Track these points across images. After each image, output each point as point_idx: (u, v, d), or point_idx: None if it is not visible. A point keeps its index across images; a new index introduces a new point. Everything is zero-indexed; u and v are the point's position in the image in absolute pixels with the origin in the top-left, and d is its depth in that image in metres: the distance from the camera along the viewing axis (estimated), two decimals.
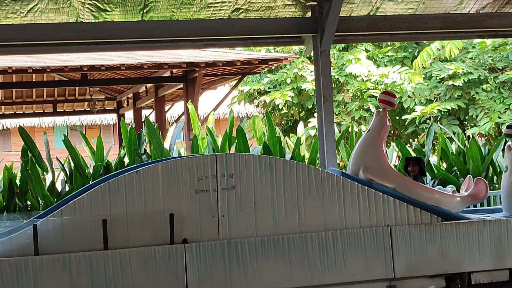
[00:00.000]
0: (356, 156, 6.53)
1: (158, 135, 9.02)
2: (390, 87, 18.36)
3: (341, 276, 5.94)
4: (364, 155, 6.47)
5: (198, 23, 8.90)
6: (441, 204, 6.30)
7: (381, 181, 6.28)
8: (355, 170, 6.44)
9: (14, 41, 8.53)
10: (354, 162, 6.50)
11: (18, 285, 5.40)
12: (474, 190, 6.52)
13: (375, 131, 6.49)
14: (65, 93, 23.02)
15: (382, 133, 6.48)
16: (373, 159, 6.41)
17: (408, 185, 6.36)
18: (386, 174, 6.35)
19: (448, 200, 6.41)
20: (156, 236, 5.69)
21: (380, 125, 6.50)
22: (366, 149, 6.50)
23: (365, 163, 6.38)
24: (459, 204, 6.48)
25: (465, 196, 6.51)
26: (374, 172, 6.33)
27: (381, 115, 6.53)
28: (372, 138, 6.49)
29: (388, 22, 9.25)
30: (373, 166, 6.37)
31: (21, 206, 8.51)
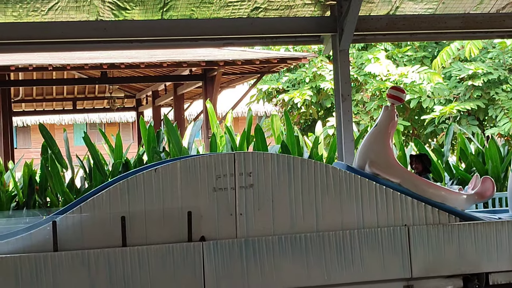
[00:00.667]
0: (363, 150, 6.50)
1: (176, 133, 9.06)
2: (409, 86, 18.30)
3: (358, 276, 5.94)
4: (370, 150, 6.44)
5: (217, 21, 8.93)
6: (447, 201, 6.26)
7: (387, 175, 6.26)
8: (361, 165, 6.42)
9: (35, 39, 8.61)
10: (361, 156, 6.48)
11: (38, 280, 5.45)
12: (481, 188, 6.47)
13: (383, 126, 6.46)
14: (85, 90, 23.13)
15: (390, 128, 6.45)
16: (380, 153, 6.38)
17: (414, 180, 6.33)
18: (392, 169, 6.32)
19: (454, 197, 6.37)
20: (174, 234, 5.71)
21: (388, 120, 6.47)
22: (373, 144, 6.47)
23: (371, 158, 6.36)
24: (465, 202, 6.44)
25: (471, 194, 6.46)
26: (380, 167, 6.30)
27: (389, 110, 6.50)
28: (379, 133, 6.46)
29: (408, 22, 9.24)
30: (379, 160, 6.34)
31: (41, 202, 8.57)
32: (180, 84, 18.72)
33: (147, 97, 22.90)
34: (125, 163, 8.92)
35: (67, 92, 23.02)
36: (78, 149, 13.48)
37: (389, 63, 18.82)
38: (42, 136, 8.83)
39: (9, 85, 18.63)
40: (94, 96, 23.47)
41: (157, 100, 21.45)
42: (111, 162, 9.08)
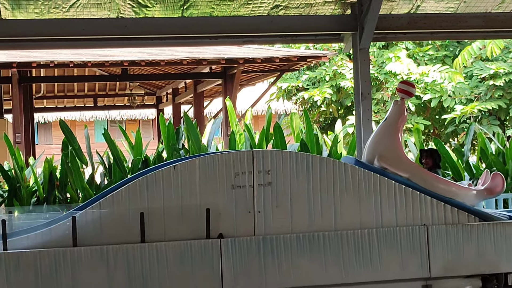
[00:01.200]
0: (372, 144, 6.46)
1: (196, 131, 9.08)
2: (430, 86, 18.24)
3: (377, 274, 5.93)
4: (379, 144, 6.39)
5: (237, 19, 8.94)
6: (456, 197, 6.21)
7: (395, 170, 6.22)
8: (370, 159, 6.38)
9: (56, 36, 8.66)
10: (370, 150, 6.43)
11: (57, 275, 5.49)
12: (491, 184, 6.40)
13: (392, 120, 6.41)
14: (105, 87, 23.26)
15: (399, 123, 6.40)
16: (389, 148, 6.33)
17: (423, 175, 6.28)
18: (401, 164, 6.28)
19: (464, 193, 6.32)
20: (192, 230, 5.73)
21: (398, 115, 6.42)
22: (382, 138, 6.42)
23: (380, 152, 6.31)
24: (475, 198, 6.39)
25: (481, 190, 6.40)
26: (389, 161, 6.26)
27: (399, 105, 6.45)
28: (388, 127, 6.41)
29: (429, 21, 9.20)
30: (388, 155, 6.30)
31: (61, 198, 8.63)
32: (200, 82, 18.76)
33: (167, 95, 22.98)
34: (144, 159, 8.96)
35: (88, 89, 23.15)
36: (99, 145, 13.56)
37: (410, 62, 18.76)
38: (62, 132, 8.88)
39: (30, 82, 18.76)
40: (114, 93, 23.60)
41: (177, 97, 21.52)
42: (130, 159, 9.12)
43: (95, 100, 24.46)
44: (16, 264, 5.45)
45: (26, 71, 17.26)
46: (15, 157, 8.62)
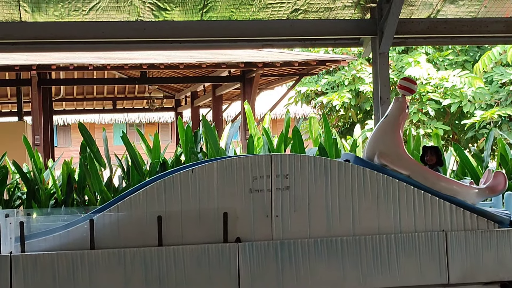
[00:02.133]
0: (372, 141, 6.36)
1: (214, 134, 9.07)
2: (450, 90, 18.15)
3: (395, 280, 5.88)
4: (380, 141, 6.30)
5: (256, 23, 8.94)
6: (457, 195, 6.12)
7: (396, 167, 6.13)
8: (370, 156, 6.29)
9: (75, 38, 8.70)
10: (370, 147, 6.34)
11: (74, 278, 5.49)
12: (493, 182, 6.30)
13: (393, 117, 6.31)
14: (124, 90, 23.34)
15: (400, 120, 6.30)
16: (389, 145, 6.24)
17: (424, 173, 6.20)
18: (401, 161, 6.19)
19: (465, 191, 6.22)
20: (209, 234, 5.71)
21: (399, 111, 6.32)
22: (382, 135, 6.32)
23: (380, 149, 6.22)
24: (476, 196, 6.27)
25: (482, 189, 6.29)
26: (389, 158, 6.17)
27: (400, 101, 6.34)
28: (389, 123, 6.31)
29: (449, 25, 9.16)
30: (388, 152, 6.21)
31: (79, 200, 8.64)
32: (219, 85, 18.79)
33: (186, 98, 23.03)
34: (162, 163, 8.96)
35: (107, 92, 23.25)
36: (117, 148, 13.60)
37: (429, 67, 18.68)
38: (81, 134, 8.90)
39: (50, 84, 18.86)
40: (133, 96, 23.68)
41: (196, 100, 21.56)
42: (148, 162, 9.13)
43: (114, 103, 24.56)
44: (34, 266, 5.46)
45: (45, 73, 17.35)
46: (34, 159, 8.64)
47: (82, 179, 8.64)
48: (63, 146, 35.65)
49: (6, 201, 8.58)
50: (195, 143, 9.15)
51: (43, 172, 8.77)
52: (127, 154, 8.97)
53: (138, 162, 8.79)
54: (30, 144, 9.18)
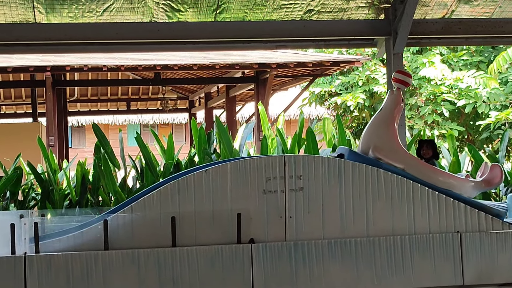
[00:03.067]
0: (367, 135, 6.31)
1: (228, 135, 9.07)
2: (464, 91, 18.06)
3: (409, 282, 5.86)
4: (374, 135, 6.25)
5: (270, 24, 8.93)
6: (453, 188, 6.08)
7: (390, 161, 6.09)
8: (365, 149, 6.24)
9: (90, 40, 8.72)
10: (364, 141, 6.29)
11: (88, 278, 5.51)
12: (489, 175, 6.26)
13: (388, 110, 6.25)
14: (138, 91, 23.39)
15: (395, 113, 6.25)
16: (384, 138, 6.19)
17: (419, 166, 6.16)
18: (396, 154, 6.14)
19: (461, 184, 6.18)
20: (223, 235, 5.72)
21: (394, 105, 6.26)
22: (377, 129, 6.27)
23: (375, 143, 6.17)
24: (472, 189, 6.24)
25: (479, 182, 6.26)
26: (383, 152, 6.13)
27: (395, 95, 6.28)
28: (384, 117, 6.26)
29: (463, 26, 9.12)
30: (383, 145, 6.16)
31: (93, 201, 8.67)
32: (233, 86, 18.79)
33: (200, 99, 23.04)
34: (176, 164, 8.97)
35: (122, 93, 23.31)
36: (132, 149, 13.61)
37: (444, 67, 18.61)
38: (95, 135, 8.93)
39: (64, 85, 18.92)
40: (147, 97, 23.72)
41: (210, 101, 21.58)
42: (162, 163, 9.14)
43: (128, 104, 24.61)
44: (48, 267, 5.48)
45: (60, 74, 17.40)
46: (48, 160, 8.67)
47: (96, 180, 8.66)
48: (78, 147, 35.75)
49: (21, 202, 8.61)
50: (209, 144, 9.15)
51: (58, 173, 8.80)
52: (141, 155, 8.98)
53: (152, 163, 8.80)
54: (44, 145, 9.21)
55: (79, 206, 8.53)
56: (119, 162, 8.97)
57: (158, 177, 8.72)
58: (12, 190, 8.45)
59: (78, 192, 8.63)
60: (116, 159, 8.85)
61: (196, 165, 8.72)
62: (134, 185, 9.06)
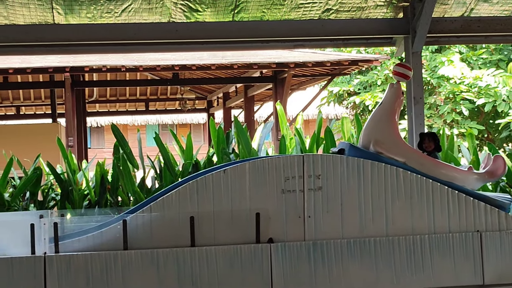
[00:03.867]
0: (367, 129, 6.24)
1: (246, 135, 9.06)
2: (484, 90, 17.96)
3: (429, 281, 5.83)
4: (375, 129, 6.17)
5: (288, 23, 8.92)
6: (455, 181, 6.01)
7: (391, 154, 6.02)
8: (365, 144, 6.17)
9: (108, 40, 8.75)
10: (365, 135, 6.21)
11: (107, 278, 5.53)
12: (492, 167, 6.17)
13: (388, 104, 6.17)
14: (157, 92, 23.47)
15: (396, 106, 6.17)
16: (384, 132, 6.12)
17: (420, 159, 6.09)
18: (397, 148, 6.07)
19: (463, 176, 6.11)
20: (242, 235, 5.71)
21: (394, 98, 6.17)
22: (377, 123, 6.19)
23: (376, 137, 6.10)
24: (475, 181, 6.17)
25: (482, 173, 6.18)
26: (384, 146, 6.05)
27: (395, 88, 6.19)
28: (384, 111, 6.18)
29: (483, 24, 9.06)
30: (384, 139, 6.09)
31: (112, 201, 8.68)
32: (251, 86, 18.79)
33: (218, 99, 23.08)
34: (195, 163, 8.96)
35: (140, 93, 23.40)
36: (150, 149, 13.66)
37: (463, 66, 18.52)
38: (114, 136, 8.94)
39: (83, 86, 19.01)
40: (166, 97, 23.80)
41: (228, 101, 21.59)
42: (181, 163, 9.14)
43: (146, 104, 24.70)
44: (68, 267, 5.50)
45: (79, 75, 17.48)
46: (67, 160, 8.70)
47: (115, 180, 8.68)
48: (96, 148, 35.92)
49: (40, 202, 8.65)
50: (227, 143, 9.14)
51: (77, 173, 8.82)
52: (160, 155, 8.99)
53: (171, 163, 8.81)
54: (64, 145, 9.24)
55: (98, 206, 8.55)
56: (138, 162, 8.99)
57: (177, 177, 8.73)
58: (31, 190, 8.49)
59: (97, 192, 8.65)
60: (135, 159, 8.87)
61: (215, 165, 8.72)
62: (153, 185, 9.07)
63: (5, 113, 24.10)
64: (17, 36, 8.64)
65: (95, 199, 8.64)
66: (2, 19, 8.56)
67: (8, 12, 8.47)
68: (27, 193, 8.53)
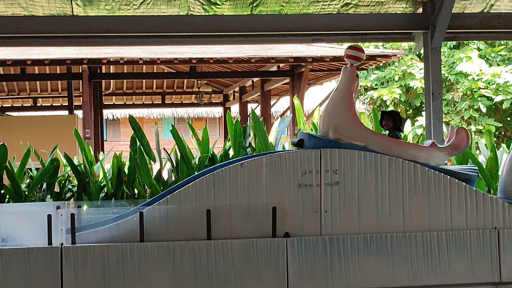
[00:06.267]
0: (325, 116, 6.11)
1: (263, 129, 9.05)
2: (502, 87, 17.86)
3: (445, 278, 5.81)
4: (332, 114, 6.04)
5: (306, 17, 8.89)
6: (419, 159, 5.93)
7: (351, 140, 5.92)
8: (325, 131, 6.05)
9: (126, 33, 8.76)
10: (323, 122, 6.09)
11: (124, 270, 5.54)
12: (456, 140, 6.07)
13: (343, 88, 6.02)
14: (173, 85, 23.48)
15: (352, 89, 6.02)
16: (343, 117, 5.99)
17: (380, 141, 5.98)
18: (356, 132, 5.97)
19: (426, 153, 6.01)
20: (258, 229, 5.71)
21: (349, 81, 6.02)
22: (334, 108, 6.05)
23: (334, 123, 5.99)
24: (440, 156, 6.08)
25: (446, 147, 6.09)
26: (343, 131, 5.94)
27: (349, 71, 6.05)
28: (340, 95, 6.03)
29: (503, 20, 8.99)
30: (342, 124, 5.97)
31: (129, 193, 8.70)
32: (268, 80, 18.77)
33: (234, 93, 23.07)
34: (211, 157, 8.97)
35: (157, 86, 23.42)
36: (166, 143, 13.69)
37: (481, 62, 18.44)
38: (131, 127, 8.95)
39: (100, 78, 19.06)
40: (182, 90, 23.81)
41: (244, 96, 21.57)
42: (197, 156, 9.15)
43: (163, 98, 24.72)
44: (84, 258, 5.52)
45: (96, 67, 17.53)
46: (84, 152, 8.72)
47: (132, 173, 8.69)
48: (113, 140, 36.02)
49: (57, 193, 8.68)
50: (244, 137, 9.14)
51: (94, 165, 8.85)
52: (176, 148, 9.00)
53: (187, 156, 8.81)
54: (81, 137, 9.27)
55: (115, 198, 8.57)
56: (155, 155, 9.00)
57: (193, 170, 8.73)
58: (48, 181, 8.52)
59: (114, 184, 8.67)
60: (151, 152, 8.88)
61: (231, 158, 8.72)
62: (170, 178, 9.08)
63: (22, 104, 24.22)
64: (35, 28, 8.66)
65: (111, 191, 8.66)
66: (21, 10, 8.59)
67: (27, 3, 8.50)
68: (44, 184, 8.56)
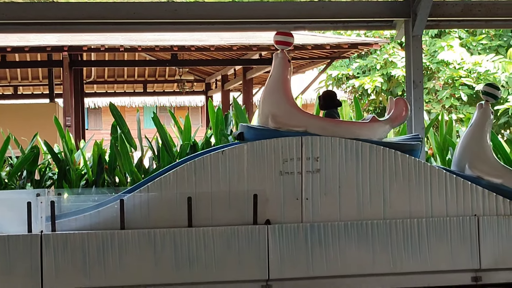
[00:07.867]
0: (263, 105, 6.05)
1: (245, 116, 9.04)
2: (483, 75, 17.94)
3: (425, 265, 5.85)
4: (269, 103, 6.00)
5: (288, 5, 8.87)
6: (361, 136, 5.94)
7: (291, 126, 5.89)
8: (264, 121, 5.96)
9: (107, 19, 8.68)
10: (261, 111, 6.03)
11: (104, 257, 5.53)
12: (395, 111, 6.10)
13: (278, 75, 6.00)
14: (155, 73, 23.38)
15: (286, 75, 5.97)
16: (280, 104, 5.94)
17: (320, 123, 5.98)
18: (295, 118, 5.94)
19: (367, 129, 6.03)
20: (239, 216, 5.71)
21: (282, 68, 5.99)
22: (271, 96, 6.00)
23: (271, 111, 5.93)
24: (382, 131, 6.09)
25: (386, 120, 6.11)
26: (282, 118, 5.90)
27: (280, 57, 6.02)
28: (275, 83, 6.00)
29: (484, 8, 9.00)
30: (279, 112, 5.93)
31: (109, 181, 8.67)
32: (250, 69, 18.72)
33: (216, 81, 23.00)
34: (193, 145, 8.95)
35: (138, 75, 23.31)
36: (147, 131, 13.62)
37: (462, 51, 18.50)
38: (112, 115, 8.91)
39: (81, 65, 18.92)
40: (164, 79, 23.71)
41: (226, 84, 21.52)
42: (179, 144, 9.13)
43: (144, 86, 24.61)
44: (64, 245, 5.51)
45: (77, 55, 17.40)
46: (65, 139, 8.68)
47: (112, 160, 8.66)
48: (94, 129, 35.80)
49: (38, 181, 8.64)
50: (226, 125, 9.12)
51: (74, 153, 8.81)
52: (158, 136, 8.97)
53: (169, 144, 8.79)
54: (61, 125, 9.22)
55: (96, 186, 8.54)
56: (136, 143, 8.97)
57: (175, 158, 8.71)
58: (28, 169, 8.47)
59: (94, 172, 8.64)
60: (132, 140, 8.85)
61: (213, 146, 8.71)
62: (151, 165, 9.06)
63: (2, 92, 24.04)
64: (15, 14, 8.58)
65: (92, 178, 8.63)
66: None
67: None
68: (24, 172, 8.51)
